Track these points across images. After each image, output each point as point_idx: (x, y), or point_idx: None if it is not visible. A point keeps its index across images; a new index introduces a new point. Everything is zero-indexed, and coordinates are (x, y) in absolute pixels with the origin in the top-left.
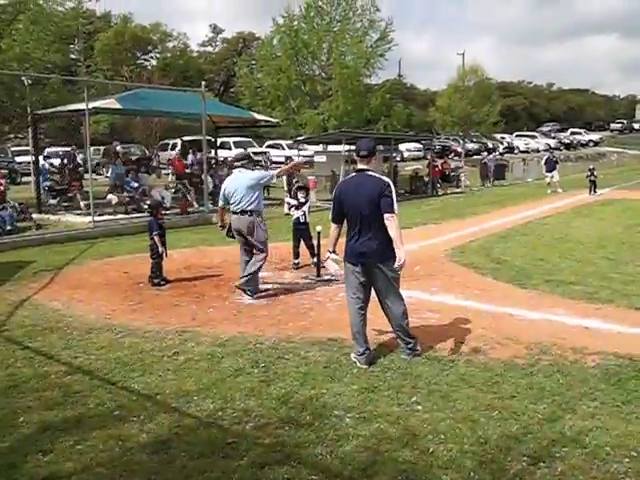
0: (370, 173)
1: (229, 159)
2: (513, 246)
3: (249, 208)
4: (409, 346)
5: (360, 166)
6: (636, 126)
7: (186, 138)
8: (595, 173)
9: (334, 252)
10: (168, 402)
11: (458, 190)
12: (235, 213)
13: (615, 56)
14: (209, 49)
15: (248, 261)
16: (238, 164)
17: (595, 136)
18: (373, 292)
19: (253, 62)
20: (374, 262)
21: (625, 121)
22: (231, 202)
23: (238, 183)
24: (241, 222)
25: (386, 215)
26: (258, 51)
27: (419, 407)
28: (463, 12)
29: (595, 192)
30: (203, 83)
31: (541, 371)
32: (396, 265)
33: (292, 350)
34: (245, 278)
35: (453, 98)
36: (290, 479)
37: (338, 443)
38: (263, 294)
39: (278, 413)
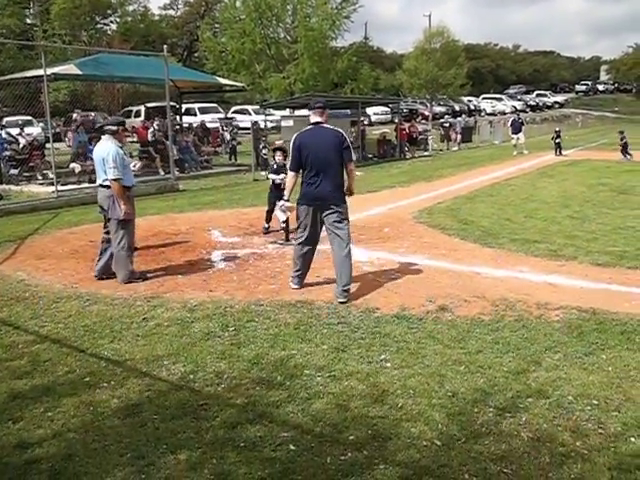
0: (325, 125)
1: (194, 125)
2: (480, 207)
3: (102, 181)
4: (344, 287)
5: (315, 119)
6: (600, 87)
7: (150, 105)
8: (561, 135)
9: (288, 200)
10: (138, 367)
11: (426, 153)
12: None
13: (583, 18)
14: (171, 12)
15: (106, 249)
16: (113, 128)
17: (560, 98)
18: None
19: (216, 25)
20: (330, 203)
21: (590, 83)
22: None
23: (96, 153)
24: (99, 196)
25: (349, 164)
26: (221, 14)
27: (388, 364)
28: None
29: (561, 154)
30: (165, 47)
31: (507, 326)
32: (348, 194)
33: (262, 313)
34: (123, 273)
35: (420, 61)
36: (262, 437)
37: (309, 401)
38: (232, 258)
39: (249, 374)
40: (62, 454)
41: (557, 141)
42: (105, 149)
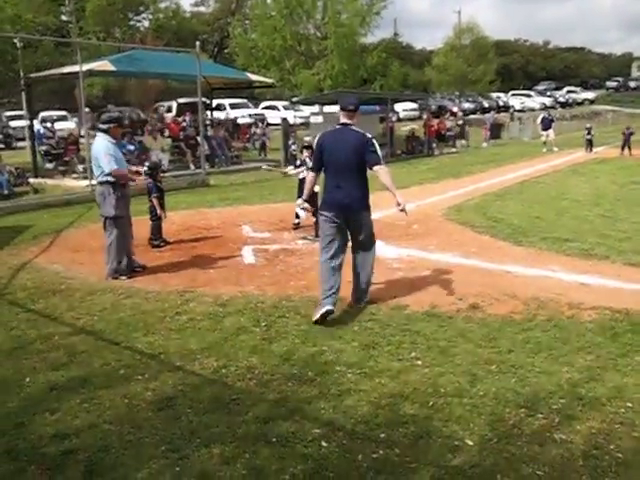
0: (353, 127)
1: (224, 120)
2: (509, 204)
3: (97, 178)
4: (361, 297)
5: (343, 120)
6: (632, 84)
7: (181, 100)
8: (592, 132)
9: (307, 200)
10: (172, 361)
11: (454, 150)
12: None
13: (617, 13)
14: (202, 9)
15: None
16: (103, 127)
17: (591, 94)
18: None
19: (247, 22)
20: (353, 212)
21: (621, 79)
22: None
23: (92, 151)
24: (95, 193)
25: (376, 168)
26: (252, 11)
27: (419, 362)
28: None
29: (591, 151)
30: (198, 43)
31: (538, 326)
32: (400, 209)
33: (293, 309)
34: (108, 268)
35: (449, 57)
36: (294, 433)
37: (340, 398)
38: (263, 254)
39: (281, 370)
40: (98, 445)
41: (588, 137)
42: (98, 146)
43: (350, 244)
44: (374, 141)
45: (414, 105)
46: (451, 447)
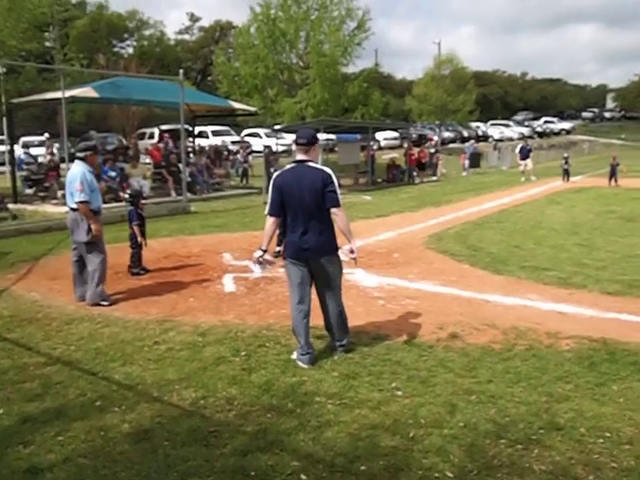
0: (310, 164)
1: (206, 147)
2: (489, 233)
3: (71, 205)
4: (341, 342)
5: (299, 156)
6: (607, 115)
7: (164, 127)
8: (569, 161)
9: (266, 251)
10: (150, 392)
11: (434, 178)
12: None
13: (593, 46)
14: (186, 37)
15: (79, 273)
16: (80, 155)
17: (567, 124)
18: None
19: (230, 50)
20: (318, 256)
21: (596, 110)
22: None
23: (67, 177)
24: (67, 219)
25: (333, 210)
26: (235, 39)
27: (399, 392)
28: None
29: (568, 180)
30: (181, 71)
31: (517, 356)
32: (351, 257)
33: (273, 338)
34: (90, 294)
35: (429, 87)
36: (273, 466)
37: (320, 430)
38: (243, 282)
39: (260, 401)
40: None
41: (565, 167)
42: (74, 173)
43: (318, 292)
44: (334, 178)
45: (395, 134)
46: (431, 479)
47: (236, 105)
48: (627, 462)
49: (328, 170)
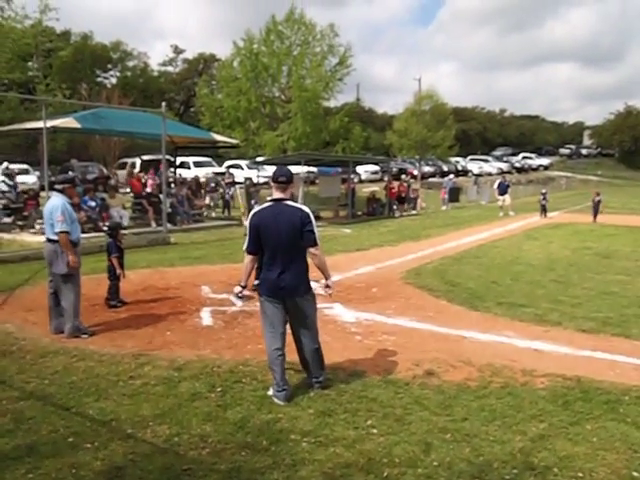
0: (288, 202)
1: (188, 179)
2: (467, 268)
3: (50, 236)
4: (317, 379)
5: (277, 195)
6: (584, 151)
7: (145, 157)
8: (547, 197)
9: (245, 287)
10: (123, 428)
11: (414, 212)
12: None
13: (571, 84)
14: (170, 69)
15: (55, 305)
16: (59, 187)
17: (545, 161)
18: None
19: (213, 83)
20: (294, 295)
21: (573, 146)
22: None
23: (46, 208)
24: (45, 251)
25: (311, 250)
26: (219, 72)
27: (374, 430)
28: (431, 38)
29: (546, 216)
30: (164, 104)
31: (493, 393)
32: (328, 292)
33: (249, 374)
34: (68, 327)
35: (409, 122)
36: None
37: (295, 468)
38: (221, 316)
39: (235, 438)
40: None
41: (543, 203)
42: (54, 204)
43: (293, 330)
44: (311, 217)
45: (376, 167)
46: None
47: (218, 137)
48: None
49: (306, 209)
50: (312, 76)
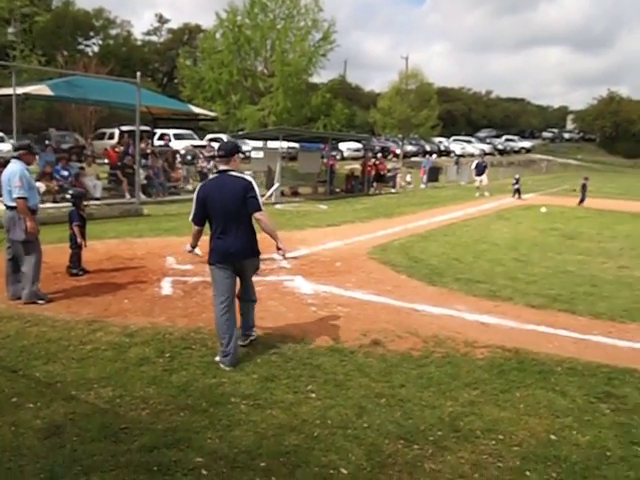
0: (232, 173)
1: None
2: (432, 246)
3: (8, 203)
4: (247, 332)
5: (221, 167)
6: (566, 136)
7: (124, 128)
8: (520, 182)
9: (195, 247)
10: (67, 390)
11: (393, 190)
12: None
13: (560, 68)
14: (154, 38)
15: (12, 271)
16: (15, 154)
17: (527, 143)
18: None
19: (197, 55)
20: (243, 258)
21: (556, 130)
22: None
23: (3, 175)
24: (3, 218)
25: (256, 215)
26: (201, 44)
27: (313, 395)
28: (424, 17)
29: (520, 198)
30: (139, 74)
31: (433, 362)
32: (281, 254)
33: (200, 341)
34: (26, 293)
35: (394, 101)
36: (176, 462)
37: (229, 428)
38: (181, 286)
39: (176, 400)
40: None
41: (516, 187)
42: (12, 170)
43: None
44: (254, 185)
45: (358, 145)
46: (326, 475)
47: (197, 110)
48: (513, 462)
49: (249, 178)
50: (295, 51)
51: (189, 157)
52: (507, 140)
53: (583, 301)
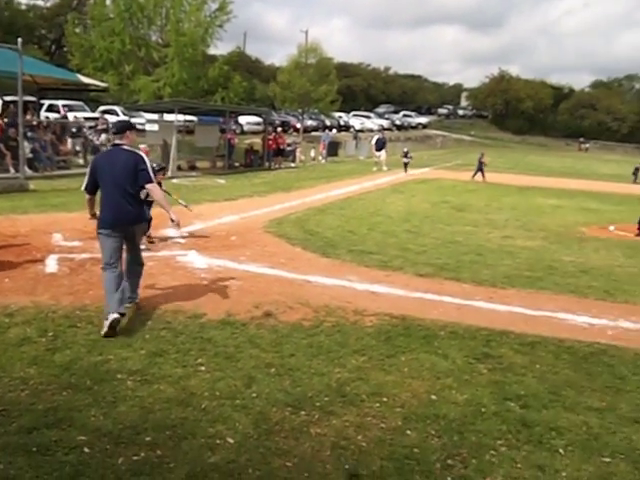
0: (124, 147)
1: (52, 122)
2: (328, 219)
3: None
4: (133, 298)
5: (116, 141)
6: (460, 112)
7: (7, 98)
8: (409, 155)
9: (94, 215)
10: None
11: (293, 165)
12: None
13: (456, 47)
14: (40, 3)
15: None
16: None
17: (424, 119)
18: None
19: (88, 21)
20: (131, 224)
21: (451, 107)
22: None
23: None
24: None
25: (147, 186)
26: (90, 11)
27: (202, 368)
28: None
29: (406, 171)
30: (20, 40)
31: (323, 331)
32: (174, 225)
33: (86, 318)
34: None
35: (293, 74)
36: (57, 442)
37: (114, 404)
38: (68, 263)
39: (59, 380)
40: None
41: (405, 161)
42: None
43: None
44: (145, 159)
45: (259, 119)
46: (212, 446)
47: (86, 80)
48: (395, 422)
49: (140, 152)
50: (190, 20)
51: (73, 129)
52: (405, 116)
53: (468, 269)
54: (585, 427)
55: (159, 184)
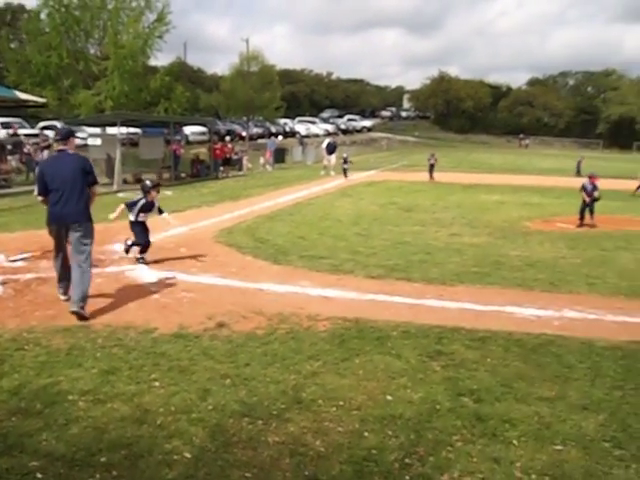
0: (68, 152)
1: None
2: (277, 226)
3: None
4: (79, 301)
5: (60, 147)
6: (403, 114)
7: None
8: (348, 160)
9: None
10: None
11: (240, 173)
12: None
13: (396, 50)
14: None
15: None
16: None
17: (368, 122)
18: None
19: (23, 36)
20: (75, 221)
21: (394, 109)
22: None
23: None
24: None
25: (93, 187)
26: (25, 26)
27: (157, 383)
28: None
29: (346, 177)
30: None
31: (277, 339)
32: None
33: (33, 340)
34: None
35: (235, 83)
36: (9, 469)
37: (66, 427)
38: (12, 284)
39: (7, 405)
40: None
41: (344, 166)
42: None
43: (72, 254)
44: (90, 162)
45: (204, 129)
46: (169, 462)
47: (23, 96)
48: (352, 426)
49: (84, 156)
50: (129, 32)
51: (9, 146)
52: (349, 120)
53: (418, 269)
54: (537, 417)
55: (152, 201)
